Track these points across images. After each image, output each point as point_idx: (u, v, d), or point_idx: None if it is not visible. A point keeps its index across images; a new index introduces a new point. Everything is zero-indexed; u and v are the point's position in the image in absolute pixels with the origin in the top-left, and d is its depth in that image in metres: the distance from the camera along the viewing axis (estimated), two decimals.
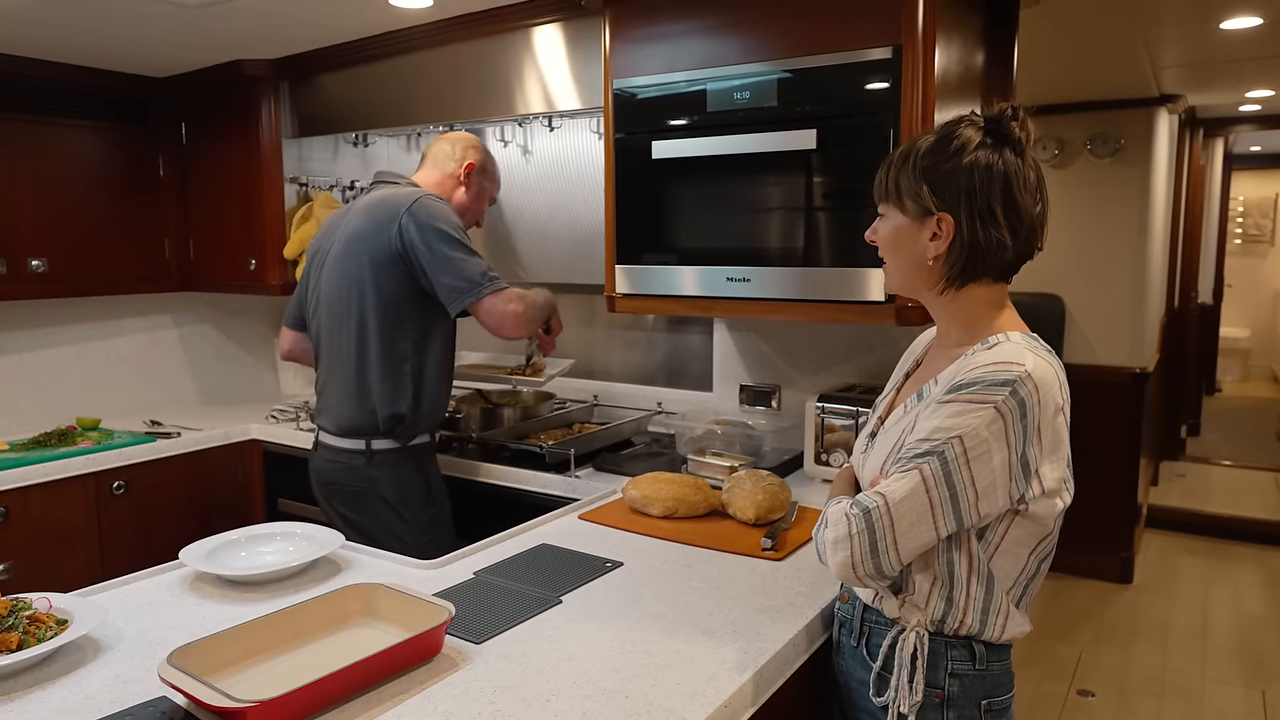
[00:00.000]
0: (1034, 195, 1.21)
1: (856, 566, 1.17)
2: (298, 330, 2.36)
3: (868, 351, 2.36)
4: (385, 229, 2.07)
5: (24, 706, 1.12)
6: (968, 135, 1.20)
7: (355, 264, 2.10)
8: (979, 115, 1.23)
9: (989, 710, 1.26)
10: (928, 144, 1.22)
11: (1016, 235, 1.20)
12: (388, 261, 2.07)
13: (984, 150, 1.19)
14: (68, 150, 2.97)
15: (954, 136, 1.20)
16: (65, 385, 3.14)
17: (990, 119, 1.21)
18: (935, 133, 1.24)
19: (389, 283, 2.08)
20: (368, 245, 2.09)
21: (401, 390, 2.11)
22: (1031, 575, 1.24)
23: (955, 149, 1.19)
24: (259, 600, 1.46)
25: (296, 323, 2.36)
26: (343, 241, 2.15)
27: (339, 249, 2.15)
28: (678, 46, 2.04)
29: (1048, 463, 1.16)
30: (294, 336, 2.38)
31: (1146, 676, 3.39)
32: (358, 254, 2.10)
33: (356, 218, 2.15)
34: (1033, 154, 1.23)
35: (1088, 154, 4.31)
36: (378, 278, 2.08)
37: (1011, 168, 1.19)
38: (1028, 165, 1.21)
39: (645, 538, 1.78)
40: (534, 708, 1.11)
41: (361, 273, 2.09)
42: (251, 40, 2.75)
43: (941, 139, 1.22)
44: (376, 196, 2.17)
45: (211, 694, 1.04)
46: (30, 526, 2.53)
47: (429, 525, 2.17)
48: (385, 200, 2.13)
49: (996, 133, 1.20)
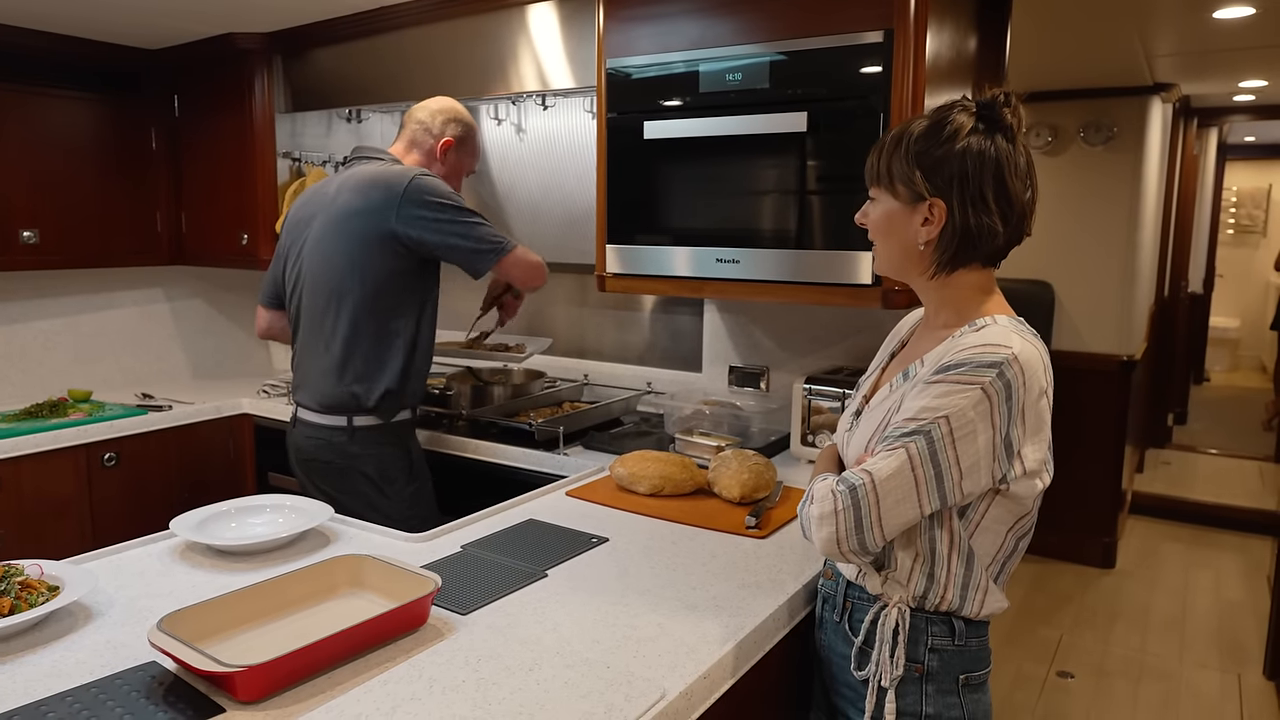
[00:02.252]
0: (1024, 181, 1.22)
1: (841, 542, 1.19)
2: (275, 309, 2.34)
3: (855, 334, 2.38)
4: (381, 210, 2.06)
5: (16, 669, 1.14)
6: (960, 121, 1.21)
7: (346, 242, 2.09)
8: (971, 100, 1.24)
9: (966, 684, 1.29)
10: (921, 128, 1.23)
11: (1008, 221, 1.21)
12: (384, 240, 2.06)
13: (976, 136, 1.20)
14: (59, 121, 2.95)
15: (947, 122, 1.21)
16: (56, 357, 3.14)
17: (982, 104, 1.22)
18: (928, 117, 1.24)
19: (384, 262, 2.08)
20: (361, 224, 2.08)
21: (391, 367, 2.12)
22: (1010, 553, 1.27)
23: (948, 134, 1.20)
24: (248, 570, 1.48)
25: (273, 301, 2.33)
26: (330, 219, 2.12)
27: (326, 226, 2.13)
28: (671, 27, 2.04)
29: (1030, 444, 1.19)
30: (272, 316, 2.35)
31: (1125, 659, 3.44)
32: (349, 232, 2.09)
33: (346, 194, 2.12)
34: (1024, 140, 1.24)
35: (1080, 141, 4.32)
36: (371, 256, 2.08)
37: (1003, 153, 1.20)
38: (1019, 151, 1.22)
39: (631, 515, 1.80)
40: (516, 675, 1.13)
41: (353, 250, 2.08)
42: (245, 13, 2.74)
43: (934, 124, 1.22)
44: (366, 174, 2.13)
45: (200, 659, 1.05)
46: (22, 497, 2.55)
47: (412, 501, 2.19)
48: (377, 179, 2.10)
49: (988, 118, 1.21)
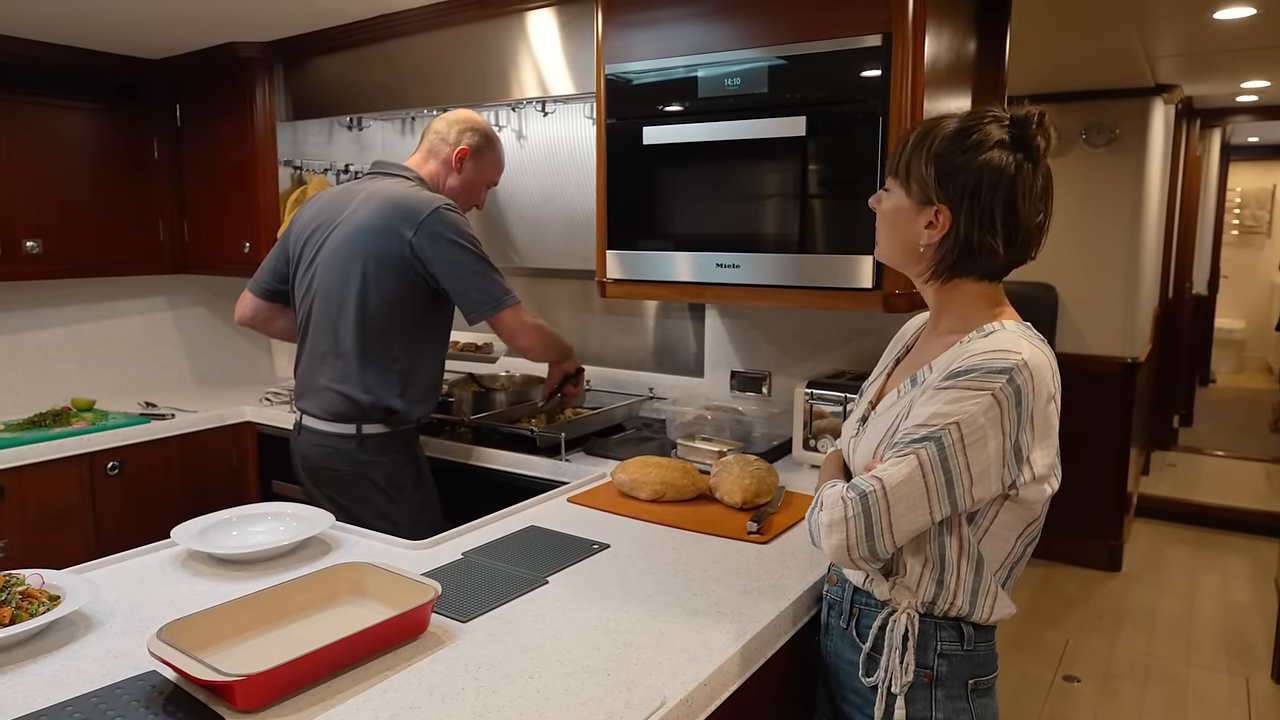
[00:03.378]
0: (1038, 204, 1.21)
1: (851, 549, 1.19)
2: (263, 299, 2.33)
3: (857, 338, 2.38)
4: (397, 234, 2.05)
5: (17, 679, 1.14)
6: (989, 131, 1.19)
7: (359, 259, 2.08)
8: (1006, 113, 1.21)
9: (975, 689, 1.28)
10: (948, 130, 1.21)
11: (1011, 243, 1.20)
12: (395, 264, 2.06)
13: (1000, 150, 1.18)
14: (62, 131, 2.97)
15: (975, 129, 1.19)
16: (60, 366, 3.15)
17: (1015, 120, 1.19)
18: (959, 119, 1.22)
19: (394, 284, 2.08)
20: (374, 243, 2.07)
21: (399, 384, 2.12)
22: (1018, 558, 1.27)
23: (973, 142, 1.18)
24: (249, 578, 1.48)
25: (262, 291, 2.32)
26: (347, 232, 2.11)
27: (343, 239, 2.12)
28: (670, 32, 2.04)
29: (1039, 449, 1.18)
30: (257, 304, 2.34)
31: (1132, 662, 3.42)
32: (363, 250, 2.08)
33: (364, 209, 2.11)
34: (1046, 162, 1.21)
35: (1083, 144, 4.31)
36: (382, 277, 2.07)
37: (1022, 174, 1.18)
38: (1039, 173, 1.20)
39: (633, 520, 1.80)
40: (516, 684, 1.13)
41: (366, 269, 2.08)
42: (246, 22, 2.75)
43: (963, 129, 1.20)
44: (387, 194, 2.12)
45: (200, 668, 1.05)
46: (25, 506, 2.55)
47: (420, 507, 2.19)
48: (399, 202, 2.09)
49: (1018, 136, 1.19)
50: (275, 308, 2.35)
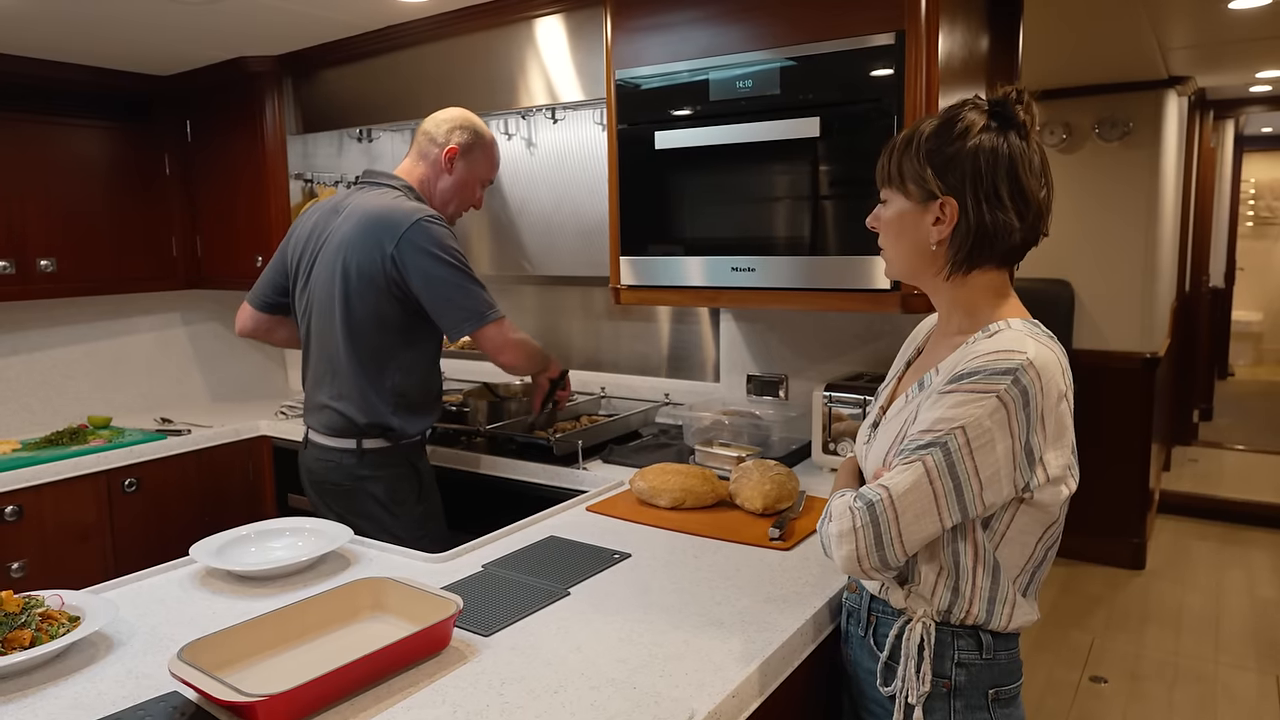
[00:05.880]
0: (1039, 179, 1.20)
1: (862, 560, 1.17)
2: (261, 311, 2.32)
3: (874, 340, 2.36)
4: (378, 248, 2.01)
5: (38, 703, 1.13)
6: (971, 119, 1.19)
7: (342, 274, 2.05)
8: (983, 99, 1.22)
9: (996, 699, 1.25)
10: (931, 127, 1.21)
11: (1024, 218, 1.19)
12: (376, 278, 2.02)
13: (988, 133, 1.18)
14: (74, 150, 2.98)
15: (958, 120, 1.19)
16: (76, 384, 3.16)
17: (994, 102, 1.20)
18: (938, 116, 1.22)
19: (377, 299, 2.04)
20: (356, 257, 2.03)
21: (393, 401, 2.10)
22: (1039, 563, 1.24)
23: (959, 132, 1.18)
24: (269, 595, 1.47)
25: (262, 304, 2.31)
26: (333, 246, 2.08)
27: (330, 253, 2.09)
28: (679, 36, 2.03)
29: (1052, 450, 1.16)
30: (258, 317, 2.33)
31: (1159, 662, 3.38)
32: (345, 264, 2.05)
33: (348, 223, 2.08)
34: (1037, 137, 1.21)
35: (1096, 138, 4.27)
36: (364, 293, 2.04)
37: (1016, 150, 1.18)
38: (1032, 149, 1.19)
39: (653, 529, 1.78)
40: (541, 699, 1.11)
41: (349, 284, 2.04)
42: (254, 36, 2.75)
43: (945, 122, 1.20)
44: (371, 206, 2.07)
45: (221, 689, 1.04)
46: (43, 524, 2.55)
47: (422, 520, 2.17)
48: (380, 216, 2.04)
49: (1001, 116, 1.19)
50: (275, 319, 2.33)
